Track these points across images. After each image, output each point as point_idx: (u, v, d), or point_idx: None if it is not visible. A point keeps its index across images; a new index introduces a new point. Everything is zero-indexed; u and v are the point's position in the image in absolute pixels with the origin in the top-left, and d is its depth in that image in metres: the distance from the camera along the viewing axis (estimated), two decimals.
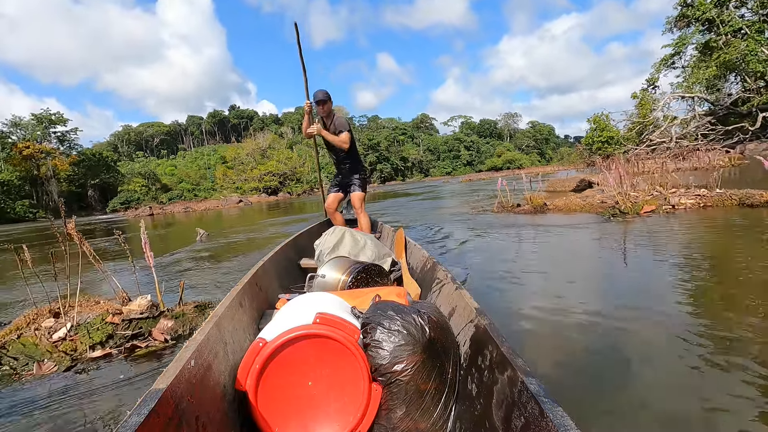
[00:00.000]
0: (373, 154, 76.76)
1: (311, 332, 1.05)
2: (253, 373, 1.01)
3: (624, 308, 2.22)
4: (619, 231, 4.54)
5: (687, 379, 1.49)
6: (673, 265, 3.00)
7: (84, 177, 57.82)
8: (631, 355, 1.72)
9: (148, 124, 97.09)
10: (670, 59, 30.10)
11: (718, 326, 1.87)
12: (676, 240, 3.87)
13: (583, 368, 1.68)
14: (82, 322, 2.35)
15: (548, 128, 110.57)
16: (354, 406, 1.06)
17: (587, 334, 1.95)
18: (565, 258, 3.63)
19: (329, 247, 2.57)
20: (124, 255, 3.77)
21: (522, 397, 0.85)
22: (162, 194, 58.33)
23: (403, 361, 1.09)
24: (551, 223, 5.50)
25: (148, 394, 0.77)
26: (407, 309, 1.20)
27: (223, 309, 1.28)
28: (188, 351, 0.96)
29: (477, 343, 1.18)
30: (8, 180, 49.84)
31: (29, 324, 2.36)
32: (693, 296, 2.31)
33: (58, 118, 58.79)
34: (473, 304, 1.35)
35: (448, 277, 1.74)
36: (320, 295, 1.39)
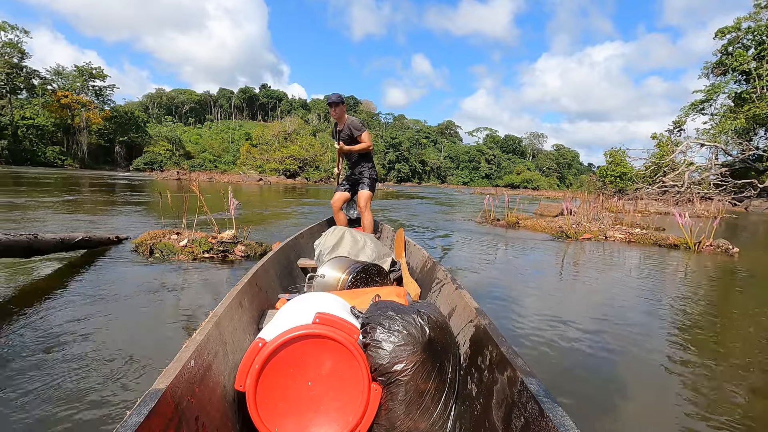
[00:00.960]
0: (393, 153, 77.55)
1: (311, 332, 1.05)
2: (252, 373, 1.01)
3: (520, 282, 3.47)
4: (554, 246, 5.94)
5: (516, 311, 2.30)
6: (566, 265, 4.69)
7: (113, 133, 59.92)
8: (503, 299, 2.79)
9: (180, 91, 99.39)
10: (699, 105, 30.17)
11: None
12: (583, 256, 5.33)
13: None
14: (195, 239, 3.98)
15: (573, 153, 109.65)
16: (353, 406, 1.06)
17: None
18: (501, 252, 5.33)
19: (329, 247, 2.56)
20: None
21: (522, 397, 0.86)
22: (184, 161, 60.04)
23: (403, 361, 1.09)
24: (513, 236, 6.91)
25: (147, 393, 0.76)
26: (407, 309, 1.21)
27: (223, 309, 1.27)
28: (188, 351, 0.95)
29: (477, 343, 1.20)
30: (43, 125, 52.03)
31: (159, 237, 4.01)
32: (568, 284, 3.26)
33: (99, 72, 60.91)
34: (473, 304, 1.37)
35: (448, 278, 1.76)
36: (320, 295, 1.39)
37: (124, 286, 2.83)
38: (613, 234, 6.68)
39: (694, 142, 23.74)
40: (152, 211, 7.78)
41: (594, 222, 7.47)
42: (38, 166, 46.92)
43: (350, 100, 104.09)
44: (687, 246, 5.96)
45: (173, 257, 3.76)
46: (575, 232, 6.83)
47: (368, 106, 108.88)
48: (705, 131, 28.68)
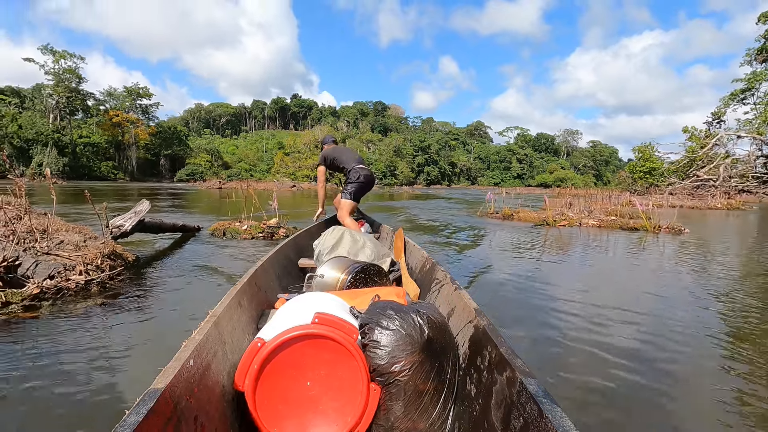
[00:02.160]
0: (422, 156, 78.00)
1: (309, 332, 1.06)
2: (251, 374, 1.01)
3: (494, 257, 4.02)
4: (535, 231, 6.97)
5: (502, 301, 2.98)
6: (535, 242, 5.79)
7: (158, 147, 64.25)
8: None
9: (217, 104, 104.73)
10: (740, 94, 28.81)
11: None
12: (555, 237, 6.33)
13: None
14: (252, 225, 5.65)
15: (610, 150, 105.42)
16: (352, 407, 1.07)
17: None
18: (486, 236, 6.36)
19: (328, 247, 2.58)
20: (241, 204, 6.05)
21: (521, 397, 0.88)
22: (222, 171, 63.41)
23: (402, 362, 1.10)
24: (504, 225, 7.93)
25: (146, 393, 0.77)
26: (406, 309, 1.21)
27: (222, 308, 1.28)
28: (187, 350, 0.96)
29: (476, 343, 1.21)
30: (98, 142, 56.75)
31: (226, 225, 5.72)
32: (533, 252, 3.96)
33: (145, 92, 65.70)
34: (472, 304, 1.38)
35: (447, 278, 1.77)
36: (319, 295, 1.40)
37: (217, 250, 4.51)
38: (587, 221, 7.52)
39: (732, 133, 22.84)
40: (206, 212, 9.68)
41: (578, 213, 8.17)
42: (94, 179, 51.26)
43: (378, 105, 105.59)
44: (645, 229, 6.94)
45: (238, 236, 5.40)
46: (554, 220, 7.73)
47: (396, 111, 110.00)
48: (747, 122, 27.39)
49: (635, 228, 7.03)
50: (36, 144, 49.23)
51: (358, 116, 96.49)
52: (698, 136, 23.71)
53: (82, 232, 3.16)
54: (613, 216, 7.66)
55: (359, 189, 3.86)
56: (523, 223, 8.10)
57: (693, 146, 23.33)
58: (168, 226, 5.00)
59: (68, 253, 2.55)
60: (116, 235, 3.59)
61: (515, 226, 7.61)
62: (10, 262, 2.19)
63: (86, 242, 2.91)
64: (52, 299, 2.24)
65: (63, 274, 2.39)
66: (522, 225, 7.84)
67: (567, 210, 8.47)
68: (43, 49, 53.63)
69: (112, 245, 2.99)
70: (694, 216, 10.78)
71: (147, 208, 4.11)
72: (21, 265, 2.30)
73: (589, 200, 8.98)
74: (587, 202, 8.88)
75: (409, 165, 73.04)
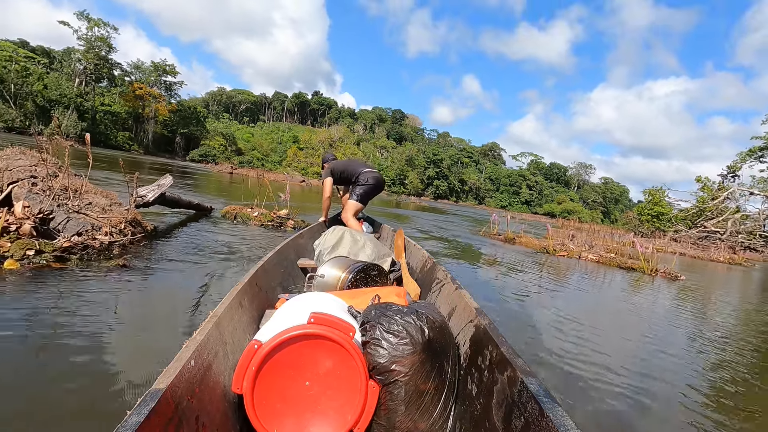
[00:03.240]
0: (433, 169, 78.32)
1: (306, 332, 1.06)
2: (249, 375, 1.02)
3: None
4: (533, 258, 6.94)
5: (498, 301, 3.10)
6: (531, 267, 5.85)
7: (176, 124, 65.10)
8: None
9: (239, 91, 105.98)
10: (758, 151, 28.77)
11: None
12: (552, 266, 6.41)
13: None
14: (263, 213, 5.82)
15: (621, 188, 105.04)
16: (351, 405, 1.08)
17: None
18: (484, 261, 6.10)
19: (329, 247, 2.59)
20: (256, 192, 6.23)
21: (522, 397, 0.88)
22: (235, 156, 64.01)
23: (402, 362, 1.10)
24: (505, 248, 7.94)
25: (148, 393, 0.77)
26: (406, 309, 1.22)
27: (223, 309, 1.28)
28: (188, 351, 0.96)
29: (477, 343, 1.21)
30: (118, 112, 57.63)
31: (238, 210, 5.68)
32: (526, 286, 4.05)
33: (171, 69, 66.76)
34: (473, 304, 1.37)
35: (448, 278, 1.76)
36: (316, 295, 1.41)
37: (227, 232, 4.66)
38: (587, 255, 7.60)
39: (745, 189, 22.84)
40: (215, 194, 9.89)
41: (579, 246, 8.30)
42: (109, 148, 51.93)
43: (397, 113, 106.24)
44: (643, 270, 6.98)
45: (249, 222, 5.59)
46: (554, 250, 7.85)
47: (414, 121, 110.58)
48: (761, 180, 27.33)
49: (632, 268, 7.12)
50: (58, 105, 50.10)
51: (375, 121, 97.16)
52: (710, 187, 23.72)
53: (109, 197, 3.33)
54: (612, 254, 7.75)
55: (368, 191, 3.92)
56: (523, 248, 8.25)
57: (704, 197, 23.32)
58: (185, 202, 5.22)
59: (96, 215, 2.71)
60: (139, 204, 3.77)
61: (516, 250, 7.73)
62: (45, 214, 2.36)
63: (111, 207, 3.08)
64: (80, 254, 2.39)
65: (90, 232, 2.55)
66: (522, 250, 7.94)
67: (569, 241, 8.58)
68: (80, 15, 54.84)
69: (134, 213, 3.16)
70: (694, 265, 10.83)
71: (170, 183, 4.34)
72: (54, 219, 2.46)
73: (592, 235, 9.06)
74: (590, 236, 8.97)
75: (419, 176, 73.35)
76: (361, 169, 4.00)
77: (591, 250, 7.91)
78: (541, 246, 8.24)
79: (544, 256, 7.40)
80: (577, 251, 7.75)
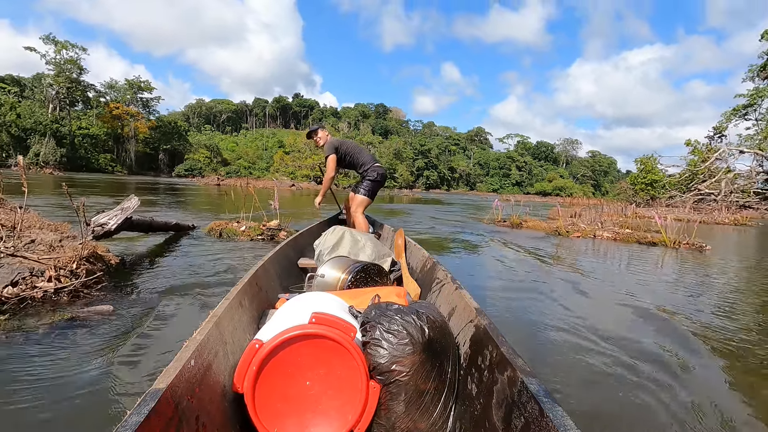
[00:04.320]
0: (422, 160, 77.96)
1: (307, 332, 1.06)
2: (250, 375, 1.02)
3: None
4: (546, 242, 6.66)
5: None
6: (544, 253, 5.47)
7: (158, 141, 63.95)
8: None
9: (218, 101, 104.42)
10: (742, 109, 28.85)
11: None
12: (572, 249, 6.04)
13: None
14: (251, 226, 5.27)
15: (609, 160, 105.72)
16: (352, 405, 1.07)
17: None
18: (499, 251, 5.62)
19: (329, 247, 2.57)
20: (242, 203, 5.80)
21: (522, 396, 0.87)
22: (221, 167, 63.11)
23: (402, 361, 1.10)
24: (514, 234, 7.54)
25: (148, 393, 0.77)
26: (406, 309, 1.22)
27: (223, 309, 1.28)
28: (188, 351, 0.96)
29: (477, 343, 1.21)
30: (97, 134, 56.36)
31: (223, 225, 5.36)
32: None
33: (146, 85, 65.41)
34: (473, 304, 1.37)
35: (448, 277, 1.76)
36: (317, 295, 1.40)
37: (211, 253, 4.16)
38: (602, 233, 7.22)
39: (733, 148, 22.79)
40: (203, 209, 9.36)
41: (590, 224, 7.95)
42: (92, 172, 50.83)
43: (380, 107, 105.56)
44: (665, 244, 6.61)
45: (236, 238, 5.08)
46: (567, 231, 7.46)
47: (397, 114, 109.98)
48: (748, 137, 27.39)
49: (653, 243, 6.74)
50: (34, 133, 48.83)
51: (359, 118, 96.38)
52: (701, 150, 23.63)
53: (59, 230, 2.88)
54: (627, 229, 7.40)
55: (376, 187, 3.94)
56: (533, 232, 7.87)
57: (695, 160, 23.25)
58: (159, 225, 4.69)
59: (38, 256, 2.28)
60: (98, 235, 3.30)
61: (526, 235, 7.36)
62: None
63: (62, 242, 2.65)
64: (12, 311, 1.95)
65: (29, 280, 2.13)
66: (532, 234, 7.56)
67: (577, 220, 8.22)
68: (45, 38, 53.35)
69: (92, 246, 2.73)
70: (705, 232, 10.54)
71: (135, 205, 3.77)
72: None
73: (600, 211, 8.75)
74: (597, 213, 8.66)
75: (408, 168, 72.92)
76: (369, 161, 3.97)
77: (604, 228, 7.57)
78: (551, 228, 7.87)
79: (557, 239, 7.04)
80: (590, 230, 7.39)
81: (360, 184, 3.93)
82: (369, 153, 4.12)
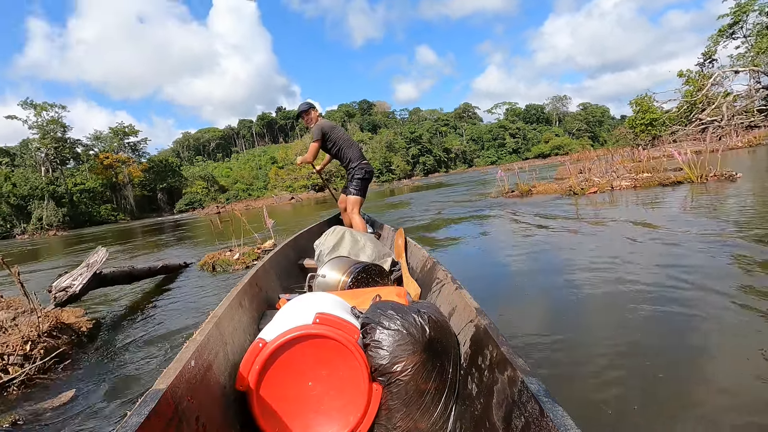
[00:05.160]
0: (415, 147, 77.41)
1: (311, 332, 1.05)
2: (253, 374, 1.01)
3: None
4: (564, 203, 6.35)
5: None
6: (562, 212, 5.38)
7: (153, 182, 64.13)
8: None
9: (204, 130, 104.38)
10: (728, 29, 28.00)
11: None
12: (596, 206, 5.71)
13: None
14: (245, 252, 4.95)
15: (602, 109, 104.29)
16: (354, 406, 1.06)
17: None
18: (517, 224, 5.34)
19: (329, 247, 2.56)
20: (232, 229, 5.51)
21: (522, 396, 0.86)
22: (220, 195, 63.19)
23: (403, 361, 1.09)
24: (527, 203, 7.12)
25: (148, 394, 0.76)
26: (407, 309, 1.21)
27: (223, 309, 1.27)
28: (188, 351, 0.95)
29: (477, 342, 1.20)
30: (93, 187, 56.70)
31: (217, 256, 5.03)
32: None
33: (131, 129, 65.52)
34: (473, 304, 1.37)
35: (448, 277, 1.77)
36: (320, 295, 1.39)
37: (204, 292, 3.73)
38: (619, 183, 6.81)
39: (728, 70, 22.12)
40: (203, 243, 8.86)
41: (604, 176, 7.53)
42: (95, 224, 51.14)
43: (364, 104, 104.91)
44: (690, 180, 6.23)
45: (230, 269, 4.67)
46: (581, 188, 7.05)
47: (383, 107, 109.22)
48: (740, 56, 26.59)
49: (677, 181, 6.36)
50: (33, 199, 49.24)
51: (344, 118, 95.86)
52: (695, 79, 22.98)
53: (12, 306, 2.58)
54: (645, 173, 7.00)
55: (366, 185, 3.87)
56: (545, 197, 7.49)
57: (690, 90, 22.62)
58: (142, 272, 4.26)
59: None
60: (61, 301, 2.93)
61: (538, 202, 6.94)
62: None
63: (16, 320, 2.34)
64: None
65: None
66: (546, 199, 7.16)
67: (589, 175, 7.83)
68: (24, 104, 53.58)
69: (54, 316, 2.43)
70: (724, 160, 10.01)
71: (103, 258, 3.36)
72: None
73: (609, 161, 8.36)
74: (607, 163, 8.22)
75: (403, 158, 72.48)
76: (356, 158, 3.86)
77: (620, 177, 7.17)
78: (563, 189, 7.48)
79: (573, 198, 6.69)
80: (607, 183, 6.98)
81: (350, 184, 3.85)
82: (358, 149, 3.99)
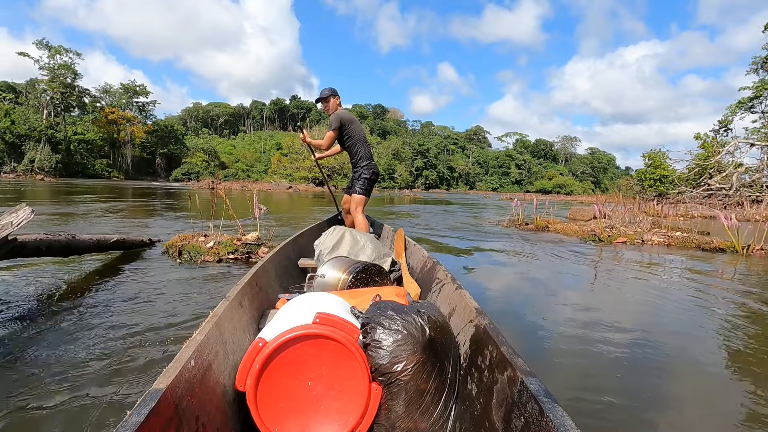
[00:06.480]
0: (421, 160, 77.47)
1: (311, 332, 1.05)
2: (252, 373, 1.01)
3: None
4: (590, 251, 5.59)
5: None
6: (587, 267, 4.56)
7: (155, 145, 63.28)
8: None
9: (216, 104, 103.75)
10: (748, 102, 28.36)
11: None
12: (611, 259, 5.10)
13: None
14: (221, 241, 4.09)
15: (608, 157, 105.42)
16: (354, 406, 1.07)
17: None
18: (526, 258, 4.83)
19: (329, 247, 2.56)
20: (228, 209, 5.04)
21: (522, 396, 0.86)
22: (219, 170, 62.46)
23: (403, 361, 1.09)
24: (544, 240, 6.63)
25: (148, 394, 0.76)
26: (407, 309, 1.22)
27: (223, 309, 1.27)
28: (188, 351, 0.95)
29: (477, 342, 1.20)
30: (93, 139, 55.69)
31: (188, 239, 4.12)
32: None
33: (142, 90, 64.75)
34: (473, 304, 1.37)
35: (448, 277, 1.76)
36: (320, 295, 1.39)
37: (160, 285, 2.94)
38: (651, 237, 6.35)
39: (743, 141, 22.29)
40: (186, 217, 8.04)
41: (629, 225, 7.16)
42: (88, 177, 50.18)
43: (378, 108, 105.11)
44: (734, 249, 5.64)
45: (200, 258, 3.84)
46: (608, 235, 6.56)
47: (395, 114, 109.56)
48: (755, 130, 26.90)
49: (720, 248, 5.73)
50: (29, 140, 48.14)
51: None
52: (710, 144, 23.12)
53: None
54: (680, 232, 6.57)
55: (372, 185, 3.78)
56: (563, 237, 6.94)
57: (703, 154, 22.72)
58: (85, 244, 3.20)
59: None
60: None
61: (557, 241, 6.48)
62: None
63: None
64: None
65: None
66: (565, 239, 6.66)
67: (608, 222, 7.44)
68: (39, 44, 52.66)
69: None
70: (753, 232, 9.55)
71: (25, 219, 2.29)
72: None
73: (631, 208, 7.89)
74: (629, 210, 7.76)
75: (407, 168, 72.43)
76: (367, 157, 3.76)
77: (651, 232, 6.72)
78: (584, 233, 6.95)
79: (598, 246, 6.08)
80: (637, 234, 6.48)
81: (356, 182, 3.72)
82: (370, 149, 3.91)
